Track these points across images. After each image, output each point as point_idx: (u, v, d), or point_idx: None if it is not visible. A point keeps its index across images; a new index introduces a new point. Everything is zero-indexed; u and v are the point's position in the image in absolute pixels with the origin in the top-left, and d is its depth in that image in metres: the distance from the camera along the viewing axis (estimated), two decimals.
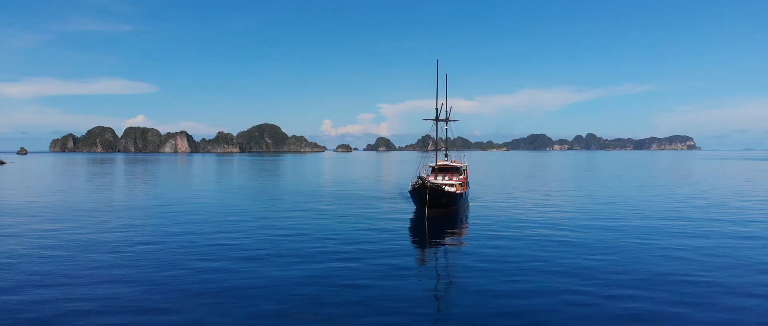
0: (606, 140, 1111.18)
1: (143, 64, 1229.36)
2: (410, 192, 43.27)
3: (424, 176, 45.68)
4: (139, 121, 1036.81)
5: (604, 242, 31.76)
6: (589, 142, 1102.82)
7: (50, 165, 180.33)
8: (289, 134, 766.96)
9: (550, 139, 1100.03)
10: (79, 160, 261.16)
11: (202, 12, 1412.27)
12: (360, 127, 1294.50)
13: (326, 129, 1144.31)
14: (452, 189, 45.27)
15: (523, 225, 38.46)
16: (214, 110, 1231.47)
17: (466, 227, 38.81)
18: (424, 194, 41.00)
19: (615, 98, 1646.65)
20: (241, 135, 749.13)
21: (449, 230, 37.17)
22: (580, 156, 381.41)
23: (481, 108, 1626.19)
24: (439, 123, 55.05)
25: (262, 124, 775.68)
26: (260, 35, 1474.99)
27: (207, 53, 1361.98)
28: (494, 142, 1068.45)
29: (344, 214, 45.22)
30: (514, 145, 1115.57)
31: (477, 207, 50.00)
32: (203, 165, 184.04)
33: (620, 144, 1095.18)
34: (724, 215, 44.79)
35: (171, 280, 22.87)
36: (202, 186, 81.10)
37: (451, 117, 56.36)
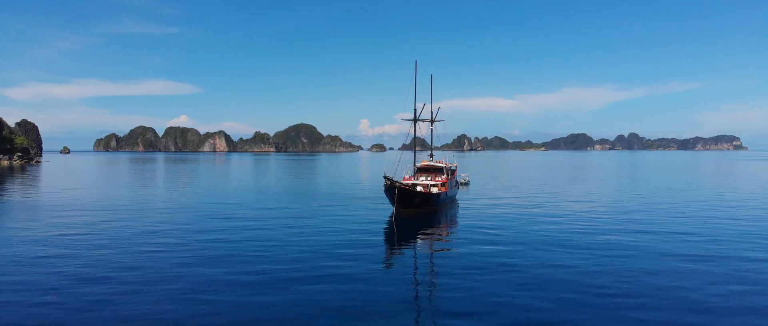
0: (649, 140, 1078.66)
1: (188, 65, 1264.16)
2: (384, 192, 43.18)
3: (405, 177, 45.37)
4: (182, 121, 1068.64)
5: (573, 248, 30.64)
6: (631, 142, 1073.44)
7: (82, 163, 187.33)
8: (325, 134, 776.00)
9: (590, 138, 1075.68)
10: (117, 158, 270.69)
11: (245, 14, 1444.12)
12: (397, 126, 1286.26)
13: (363, 128, 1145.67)
14: (428, 189, 44.90)
15: (501, 227, 37.33)
16: (255, 110, 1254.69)
17: (444, 227, 38.29)
18: (393, 194, 40.92)
19: (660, 97, 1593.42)
20: (277, 135, 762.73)
21: (421, 230, 36.57)
22: (621, 156, 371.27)
23: (521, 106, 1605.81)
24: (430, 123, 56.69)
25: (298, 124, 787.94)
26: (301, 36, 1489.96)
27: (249, 54, 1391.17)
28: (533, 142, 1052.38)
29: (321, 214, 45.13)
30: (554, 144, 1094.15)
31: (466, 208, 49.20)
32: (232, 164, 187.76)
33: (664, 144, 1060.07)
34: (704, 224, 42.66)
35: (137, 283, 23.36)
36: (204, 184, 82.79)
37: (438, 117, 58.21)
